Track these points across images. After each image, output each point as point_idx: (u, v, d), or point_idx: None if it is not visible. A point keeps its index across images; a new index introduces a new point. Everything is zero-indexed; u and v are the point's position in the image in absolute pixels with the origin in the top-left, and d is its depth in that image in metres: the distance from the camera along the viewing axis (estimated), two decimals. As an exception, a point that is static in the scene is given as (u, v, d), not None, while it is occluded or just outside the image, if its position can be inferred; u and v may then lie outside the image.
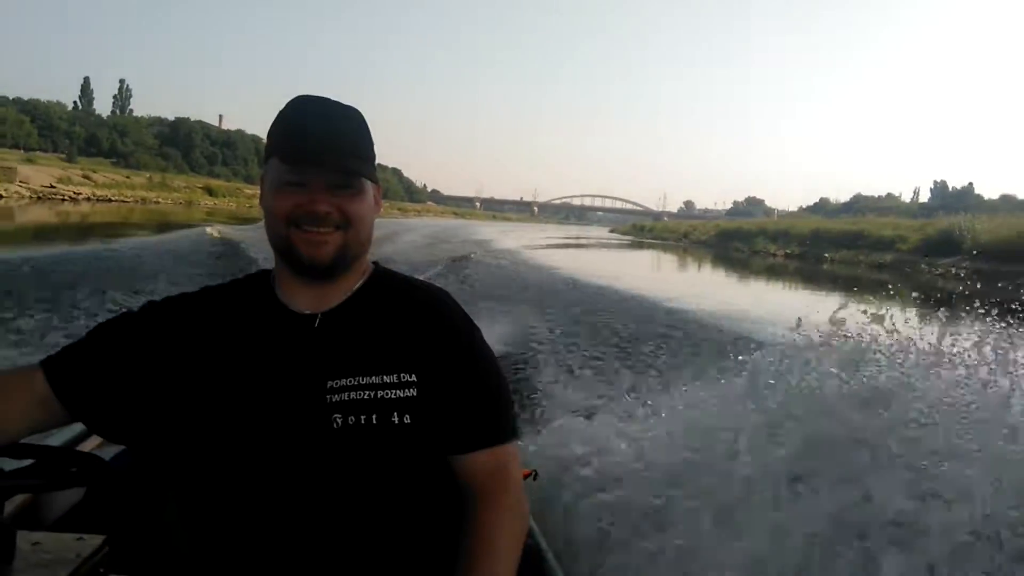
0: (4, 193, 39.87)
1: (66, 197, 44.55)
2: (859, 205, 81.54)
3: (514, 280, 13.73)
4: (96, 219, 33.51)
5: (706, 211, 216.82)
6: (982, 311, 3.19)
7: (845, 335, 3.10)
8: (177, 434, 1.30)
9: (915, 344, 2.95)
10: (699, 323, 8.74)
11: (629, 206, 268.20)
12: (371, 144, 1.35)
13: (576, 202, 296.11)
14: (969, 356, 2.80)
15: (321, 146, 1.25)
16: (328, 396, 1.28)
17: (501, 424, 1.37)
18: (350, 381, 1.29)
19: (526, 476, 1.65)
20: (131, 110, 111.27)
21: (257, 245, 14.43)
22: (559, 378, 5.56)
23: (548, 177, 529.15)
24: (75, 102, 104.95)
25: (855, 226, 41.18)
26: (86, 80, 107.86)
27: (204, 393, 1.29)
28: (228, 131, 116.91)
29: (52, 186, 45.52)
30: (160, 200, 55.87)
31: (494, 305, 9.37)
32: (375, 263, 1.46)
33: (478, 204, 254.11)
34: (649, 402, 3.71)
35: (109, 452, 1.84)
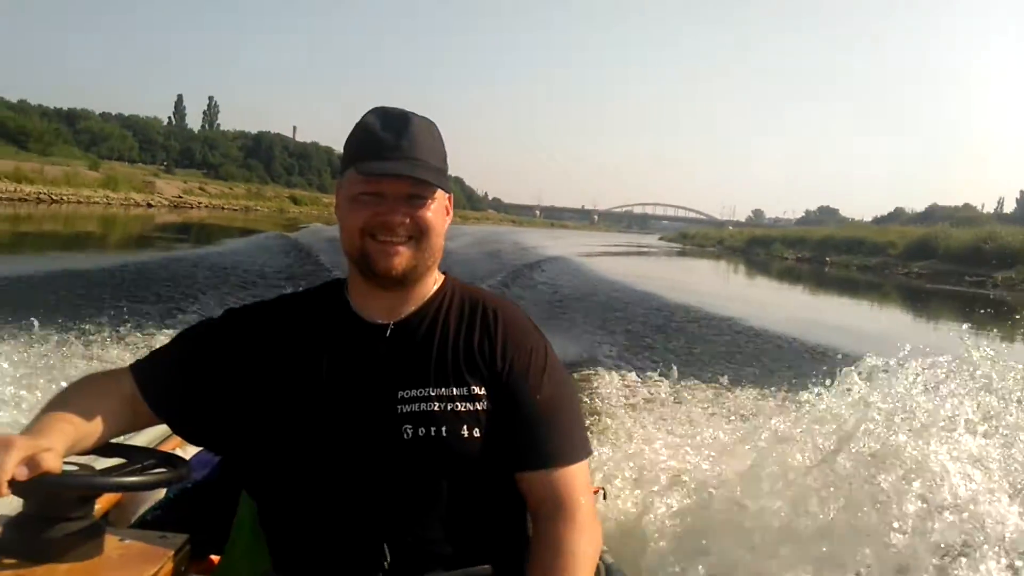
0: (153, 203, 50.96)
1: (192, 205, 55.45)
2: (935, 215, 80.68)
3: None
4: (219, 222, 42.39)
5: (776, 220, 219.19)
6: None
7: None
8: (253, 439, 1.36)
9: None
10: (758, 333, 10.16)
11: (692, 215, 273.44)
12: (445, 155, 1.40)
13: (638, 210, 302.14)
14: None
15: (397, 158, 1.30)
16: (399, 406, 1.32)
17: (573, 443, 1.38)
18: (421, 392, 1.33)
19: (594, 494, 1.59)
20: (218, 124, 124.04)
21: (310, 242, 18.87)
22: (616, 388, 5.70)
23: (610, 185, 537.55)
24: (169, 117, 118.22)
25: (856, 233, 49.53)
26: (179, 97, 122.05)
27: (279, 400, 1.34)
28: (304, 143, 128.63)
29: (180, 196, 56.63)
30: (258, 208, 66.45)
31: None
32: (445, 273, 1.49)
33: (538, 212, 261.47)
34: (715, 417, 3.89)
35: (187, 453, 1.93)
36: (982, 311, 17.70)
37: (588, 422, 4.12)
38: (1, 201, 36.26)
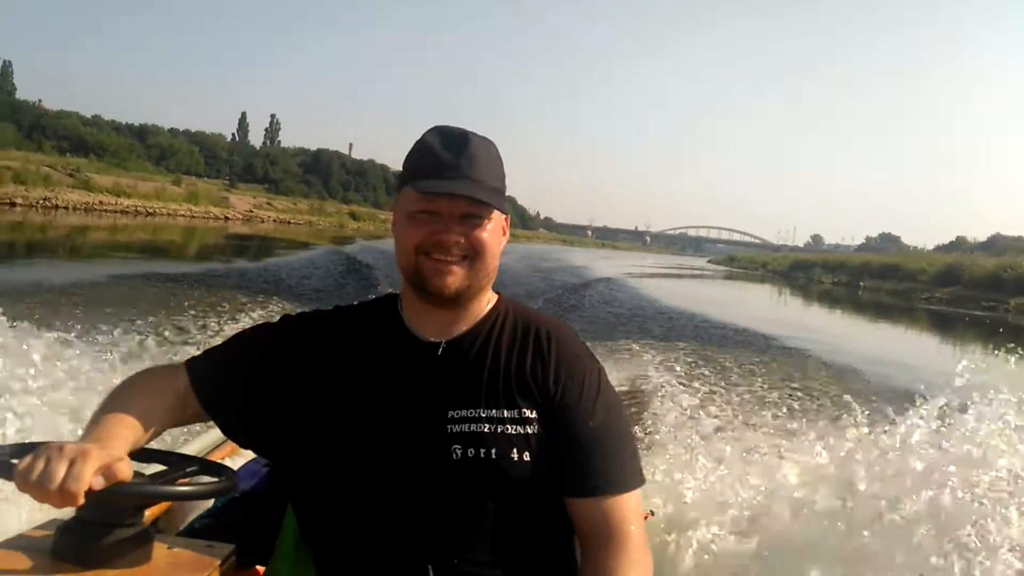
0: (229, 216, 56.33)
1: (262, 219, 60.75)
2: (998, 244, 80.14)
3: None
4: (285, 235, 46.56)
5: (837, 246, 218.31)
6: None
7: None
8: (301, 447, 1.38)
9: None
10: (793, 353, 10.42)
11: (747, 239, 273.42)
12: (503, 175, 1.41)
13: (692, 233, 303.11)
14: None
15: (455, 177, 1.31)
16: (449, 426, 1.32)
17: (625, 471, 1.37)
18: (471, 412, 1.33)
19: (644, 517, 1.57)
20: (279, 141, 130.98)
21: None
22: (664, 408, 5.81)
23: (665, 207, 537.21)
24: (233, 134, 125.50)
25: (892, 260, 52.11)
26: (243, 115, 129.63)
27: (330, 411, 1.36)
28: (360, 161, 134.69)
29: (251, 210, 62.09)
30: (320, 222, 71.66)
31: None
32: (499, 293, 1.49)
33: (590, 232, 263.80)
34: (767, 442, 3.76)
35: (235, 463, 1.96)
36: (998, 333, 20.30)
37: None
38: (105, 213, 41.57)
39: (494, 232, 1.39)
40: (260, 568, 1.70)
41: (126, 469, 1.18)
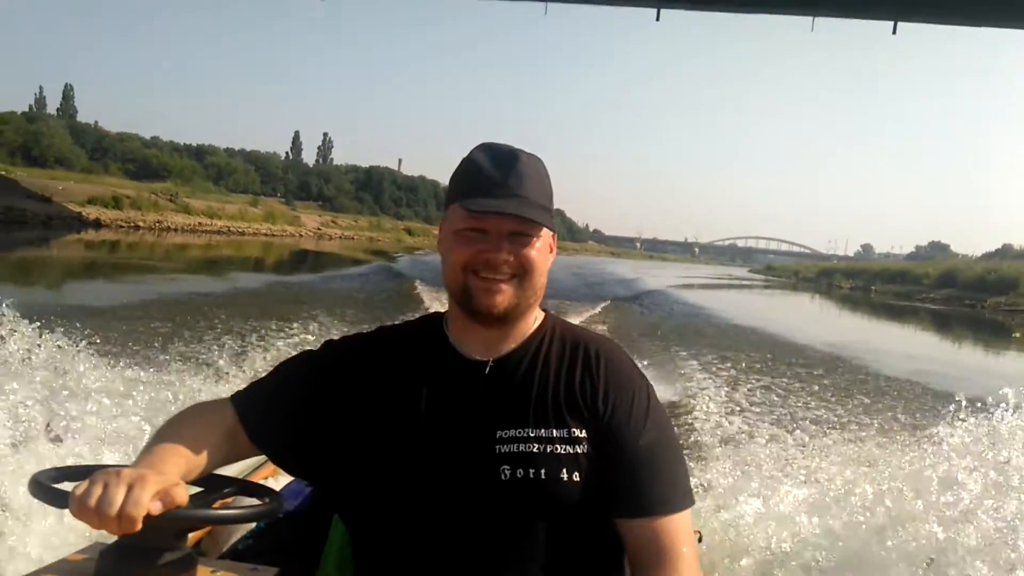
0: (301, 234, 64.77)
1: (330, 236, 69.12)
2: None
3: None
4: (352, 249, 53.78)
5: (887, 255, 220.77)
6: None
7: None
8: (350, 471, 1.41)
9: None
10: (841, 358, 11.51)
11: (796, 248, 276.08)
12: (551, 193, 1.43)
13: (742, 244, 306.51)
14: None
15: (503, 195, 1.34)
16: (497, 446, 1.34)
17: (676, 491, 1.37)
18: (519, 432, 1.35)
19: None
20: (332, 159, 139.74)
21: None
22: (711, 423, 5.86)
23: (715, 218, 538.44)
24: (287, 153, 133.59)
25: (900, 267, 59.40)
26: (296, 134, 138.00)
27: (377, 433, 1.39)
28: (411, 177, 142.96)
29: (319, 228, 70.64)
30: (379, 238, 79.84)
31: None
32: (546, 311, 1.52)
33: (638, 244, 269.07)
34: (815, 460, 3.71)
35: (278, 484, 1.99)
36: (963, 326, 27.25)
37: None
38: (203, 233, 50.04)
39: (542, 250, 1.40)
40: None
41: (183, 494, 1.20)
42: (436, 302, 15.10)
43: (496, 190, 1.35)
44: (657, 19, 26.90)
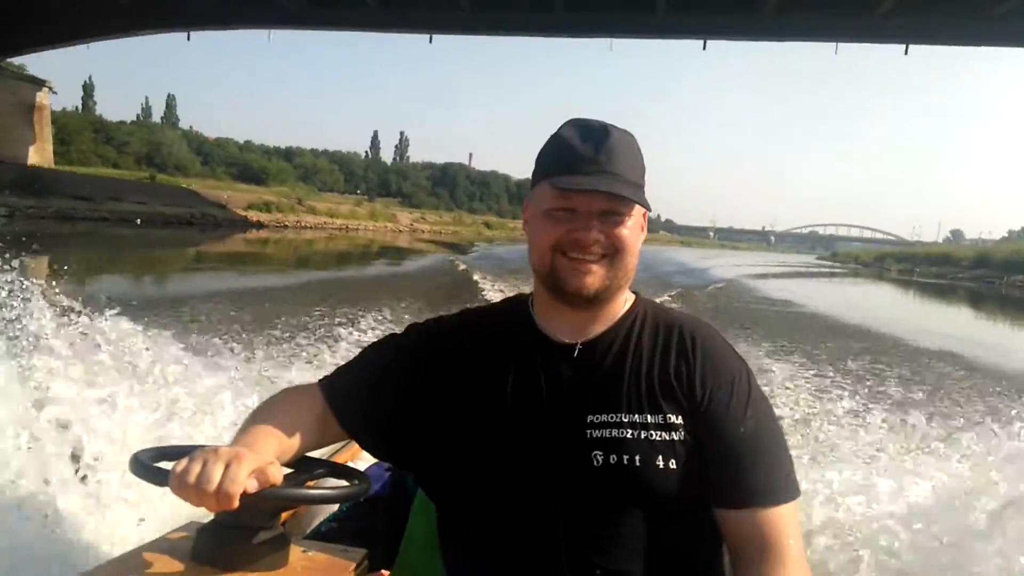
0: (400, 229, 75.85)
1: (423, 231, 79.97)
2: None
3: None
4: (438, 240, 62.49)
5: (978, 240, 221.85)
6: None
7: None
8: (439, 455, 1.43)
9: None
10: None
11: (879, 235, 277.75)
12: (643, 169, 1.41)
13: (823, 231, 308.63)
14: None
15: (593, 172, 1.33)
16: (588, 431, 1.34)
17: (782, 481, 1.36)
18: (612, 417, 1.35)
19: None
20: (408, 157, 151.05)
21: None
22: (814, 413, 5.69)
23: (794, 205, 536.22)
24: (366, 152, 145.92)
25: (943, 250, 68.86)
26: (375, 133, 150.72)
27: (465, 417, 1.41)
28: (484, 172, 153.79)
29: (412, 224, 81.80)
30: (462, 232, 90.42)
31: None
32: (636, 292, 1.51)
33: (712, 234, 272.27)
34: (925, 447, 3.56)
35: (359, 465, 2.04)
36: (986, 301, 36.24)
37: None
38: (327, 229, 61.41)
39: (634, 229, 1.39)
40: (385, 572, 1.76)
41: (278, 473, 1.23)
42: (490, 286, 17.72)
43: (586, 167, 1.33)
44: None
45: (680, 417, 1.36)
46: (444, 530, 1.52)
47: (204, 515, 1.30)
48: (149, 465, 1.31)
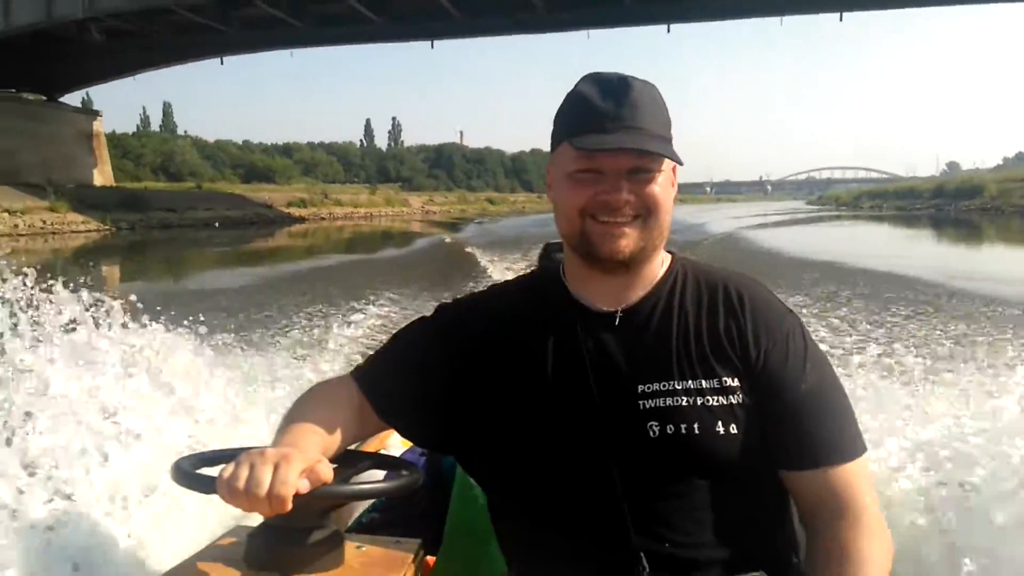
0: (411, 212, 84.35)
1: (435, 212, 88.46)
2: None
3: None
4: (449, 217, 70.47)
5: (975, 170, 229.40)
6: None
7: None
8: (484, 438, 1.43)
9: None
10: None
11: (875, 175, 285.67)
12: (669, 120, 1.38)
13: (818, 176, 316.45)
14: None
15: (617, 129, 1.30)
16: (640, 402, 1.33)
17: (848, 435, 1.36)
18: (664, 386, 1.34)
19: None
20: (402, 141, 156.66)
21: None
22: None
23: (791, 152, 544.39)
24: (361, 140, 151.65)
25: (908, 185, 79.66)
26: (367, 121, 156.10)
27: (507, 397, 1.40)
28: (479, 149, 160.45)
29: (423, 206, 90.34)
30: (468, 209, 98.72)
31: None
32: (672, 252, 1.49)
33: (708, 189, 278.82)
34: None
35: (390, 453, 2.10)
36: (935, 225, 44.52)
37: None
38: (353, 218, 70.16)
39: (665, 185, 1.36)
40: (430, 559, 1.75)
41: (328, 471, 1.24)
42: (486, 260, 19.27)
43: (609, 124, 1.30)
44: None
45: (736, 379, 1.35)
46: (497, 515, 1.52)
47: (242, 516, 1.35)
48: (194, 473, 1.31)
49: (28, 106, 50.67)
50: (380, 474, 1.60)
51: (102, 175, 56.94)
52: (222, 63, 53.70)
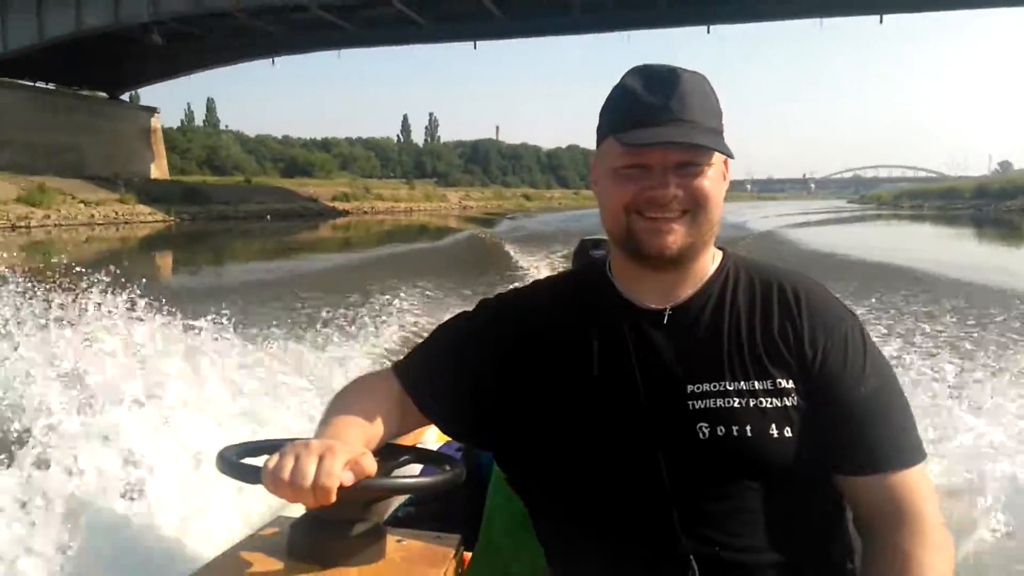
0: (449, 207, 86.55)
1: (472, 207, 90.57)
2: None
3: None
4: (485, 214, 71.77)
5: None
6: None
7: None
8: (526, 436, 1.41)
9: None
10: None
11: (922, 173, 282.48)
12: (720, 112, 1.35)
13: (864, 174, 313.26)
14: None
15: (665, 122, 1.27)
16: (690, 402, 1.31)
17: (908, 442, 1.33)
18: (715, 386, 1.31)
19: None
20: (439, 137, 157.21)
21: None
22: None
23: (836, 150, 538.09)
24: (397, 136, 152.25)
25: (949, 185, 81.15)
26: (404, 117, 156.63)
27: (551, 395, 1.38)
28: (515, 145, 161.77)
29: (460, 201, 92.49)
30: (504, 204, 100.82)
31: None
32: (722, 248, 1.46)
33: (749, 186, 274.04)
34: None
35: (426, 447, 2.05)
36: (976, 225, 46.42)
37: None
38: (394, 212, 72.34)
39: (715, 179, 1.34)
40: (466, 554, 1.73)
41: (372, 463, 1.24)
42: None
43: (657, 117, 1.28)
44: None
45: (790, 381, 1.32)
46: (537, 513, 1.50)
47: (284, 507, 1.36)
48: (239, 463, 1.32)
49: (93, 103, 53.83)
50: (418, 468, 1.64)
51: (159, 169, 60.03)
52: (273, 63, 56.19)
